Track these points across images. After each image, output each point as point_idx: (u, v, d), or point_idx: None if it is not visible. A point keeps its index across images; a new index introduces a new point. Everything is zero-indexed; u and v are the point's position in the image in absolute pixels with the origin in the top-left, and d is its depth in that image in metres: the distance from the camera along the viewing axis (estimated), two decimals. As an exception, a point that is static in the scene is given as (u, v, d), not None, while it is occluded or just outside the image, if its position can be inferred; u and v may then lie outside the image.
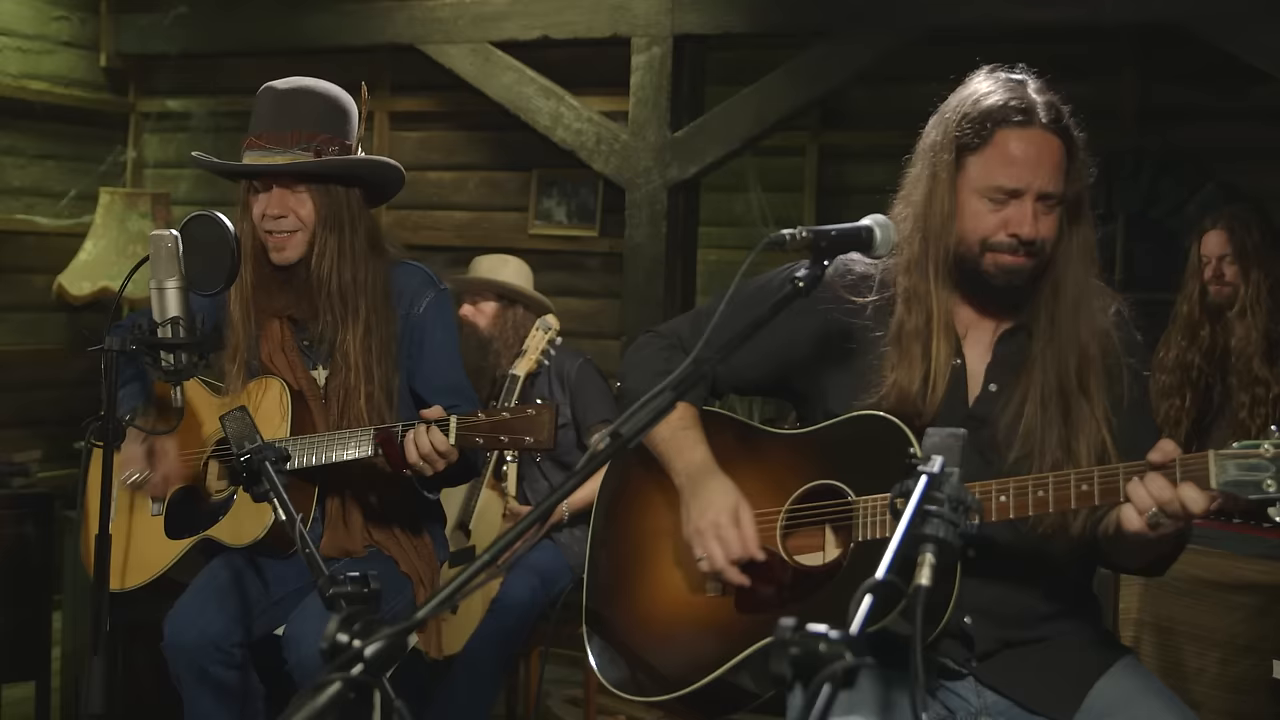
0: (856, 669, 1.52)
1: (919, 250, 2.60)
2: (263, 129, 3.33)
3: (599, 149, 5.64)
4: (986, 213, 2.54)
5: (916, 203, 2.62)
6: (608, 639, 2.82)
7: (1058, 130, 2.53)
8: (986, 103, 2.55)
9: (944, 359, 2.59)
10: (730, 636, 2.61)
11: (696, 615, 2.70)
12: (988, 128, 2.53)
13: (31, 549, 4.73)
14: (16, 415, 6.30)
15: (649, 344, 2.93)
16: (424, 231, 6.31)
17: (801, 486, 2.65)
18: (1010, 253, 2.53)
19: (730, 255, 6.39)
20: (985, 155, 2.53)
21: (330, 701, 1.59)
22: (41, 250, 6.51)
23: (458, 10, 5.85)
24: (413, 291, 3.46)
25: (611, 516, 2.91)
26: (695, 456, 2.71)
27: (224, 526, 3.36)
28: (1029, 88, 2.57)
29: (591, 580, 2.89)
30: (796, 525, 2.66)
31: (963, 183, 2.56)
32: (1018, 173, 2.51)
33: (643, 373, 2.84)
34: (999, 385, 2.61)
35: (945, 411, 2.54)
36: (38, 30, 6.50)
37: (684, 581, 2.74)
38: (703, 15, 5.43)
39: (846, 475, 2.59)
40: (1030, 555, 2.56)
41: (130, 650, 4.10)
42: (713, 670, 2.61)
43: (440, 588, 1.87)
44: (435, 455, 3.06)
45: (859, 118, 6.42)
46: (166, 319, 2.91)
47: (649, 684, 2.72)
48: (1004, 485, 2.40)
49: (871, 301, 2.67)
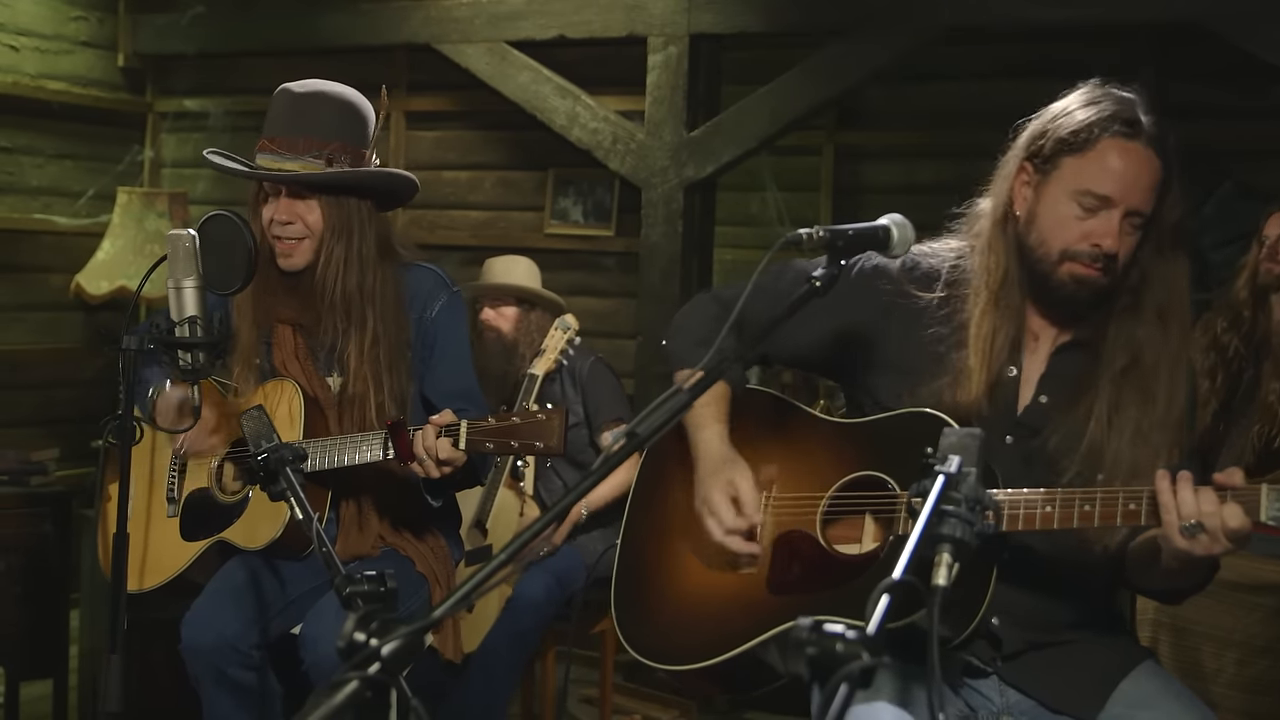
0: (873, 669, 1.51)
1: (996, 251, 2.60)
2: (275, 132, 3.31)
3: (615, 148, 5.64)
4: (1073, 219, 2.51)
5: (1000, 199, 2.61)
6: (636, 606, 2.83)
7: (1161, 151, 2.51)
8: (1096, 108, 2.52)
9: (1002, 366, 2.59)
10: (760, 614, 2.62)
11: (729, 590, 2.71)
12: (1094, 132, 2.50)
13: (49, 548, 4.75)
14: (34, 414, 6.32)
15: (702, 307, 2.94)
16: (440, 231, 6.31)
17: (846, 475, 2.65)
18: (1088, 263, 2.50)
19: (746, 255, 6.39)
20: (1085, 158, 2.51)
21: (347, 700, 1.59)
22: (59, 249, 6.53)
23: (474, 10, 5.85)
24: (425, 295, 3.44)
25: (650, 488, 2.92)
26: (706, 435, 2.74)
27: (238, 529, 3.37)
28: (1138, 106, 2.54)
29: (625, 548, 2.90)
30: (839, 513, 2.66)
31: (1055, 184, 2.54)
32: (1113, 182, 2.49)
33: (686, 340, 2.86)
34: (1050, 397, 2.60)
35: (992, 417, 2.52)
36: (56, 30, 6.52)
37: (718, 555, 2.74)
38: (719, 15, 5.43)
39: (893, 469, 2.58)
40: (1064, 562, 2.55)
41: (148, 649, 4.12)
42: (739, 645, 2.62)
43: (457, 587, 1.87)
44: (436, 453, 3.05)
45: (875, 117, 6.41)
46: (184, 318, 2.92)
47: (676, 653, 2.73)
48: (1051, 496, 2.39)
49: (937, 298, 2.66)
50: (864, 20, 5.20)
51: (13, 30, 6.31)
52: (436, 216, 6.35)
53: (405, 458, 3.11)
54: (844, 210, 6.30)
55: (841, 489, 2.65)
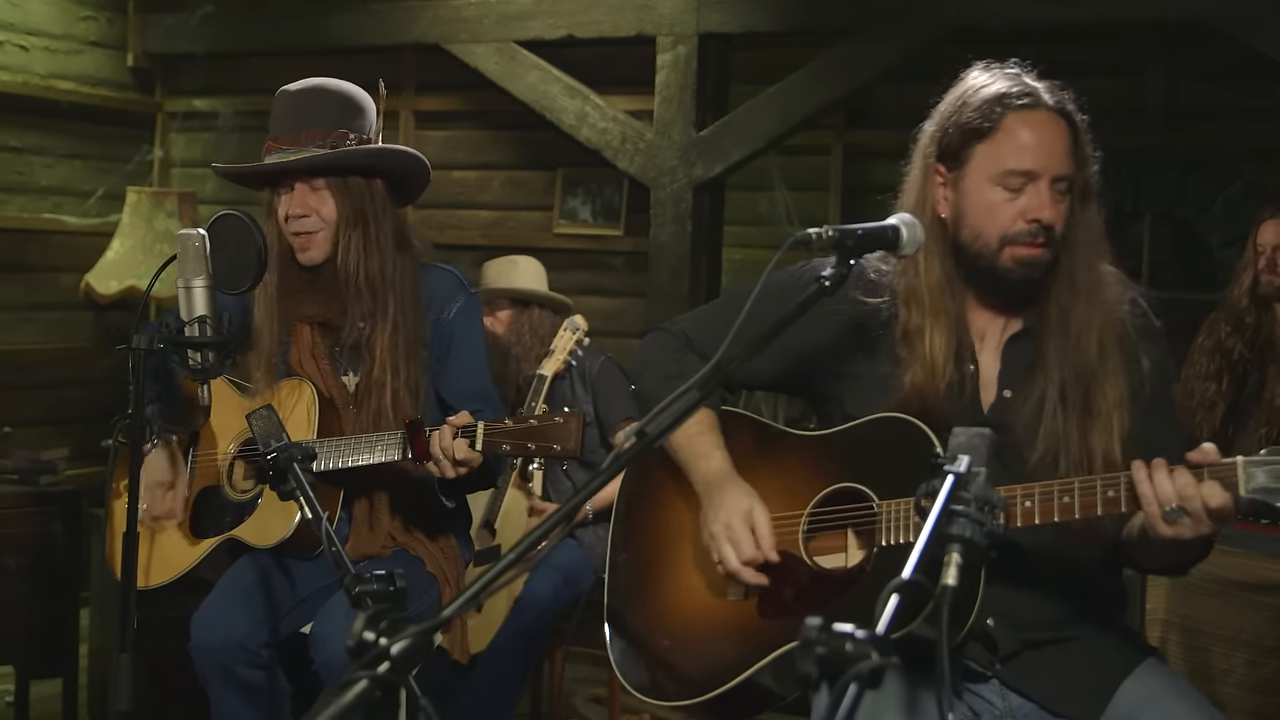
0: (883, 669, 1.51)
1: (923, 259, 2.56)
2: (279, 131, 3.34)
3: (624, 148, 5.64)
4: (1002, 203, 2.50)
5: (912, 204, 2.59)
6: (629, 642, 2.81)
7: (1062, 112, 2.51)
8: (989, 90, 2.52)
9: (954, 364, 2.57)
10: (753, 641, 2.60)
11: (719, 619, 2.69)
12: (996, 112, 2.50)
13: (59, 546, 4.76)
14: (44, 413, 6.33)
15: (659, 343, 2.92)
16: (449, 231, 6.32)
17: (823, 489, 2.63)
18: (1029, 242, 2.49)
19: (755, 254, 6.38)
20: (996, 140, 2.50)
21: (357, 699, 1.60)
22: (69, 249, 6.54)
23: (483, 9, 5.86)
24: (443, 296, 3.45)
25: (632, 519, 2.89)
26: (713, 463, 2.70)
27: (249, 527, 3.37)
28: (1025, 76, 2.55)
29: (613, 583, 2.88)
30: (818, 528, 2.64)
31: (973, 175, 2.53)
32: (1031, 155, 2.48)
33: (655, 376, 2.84)
34: (1013, 390, 2.58)
35: (958, 418, 2.48)
36: (65, 30, 6.53)
37: (706, 585, 2.73)
38: (727, 14, 5.43)
39: (869, 478, 2.57)
40: (1052, 557, 2.54)
41: (157, 648, 4.12)
42: (736, 675, 2.60)
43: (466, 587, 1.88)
44: (453, 453, 3.06)
45: (884, 117, 6.40)
46: (194, 317, 2.93)
47: (672, 688, 2.71)
48: (1029, 490, 2.38)
49: (884, 303, 2.64)
50: (872, 20, 5.20)
51: (22, 30, 6.32)
52: (445, 216, 6.36)
53: (421, 457, 3.12)
54: (853, 209, 6.29)
55: (819, 504, 2.63)
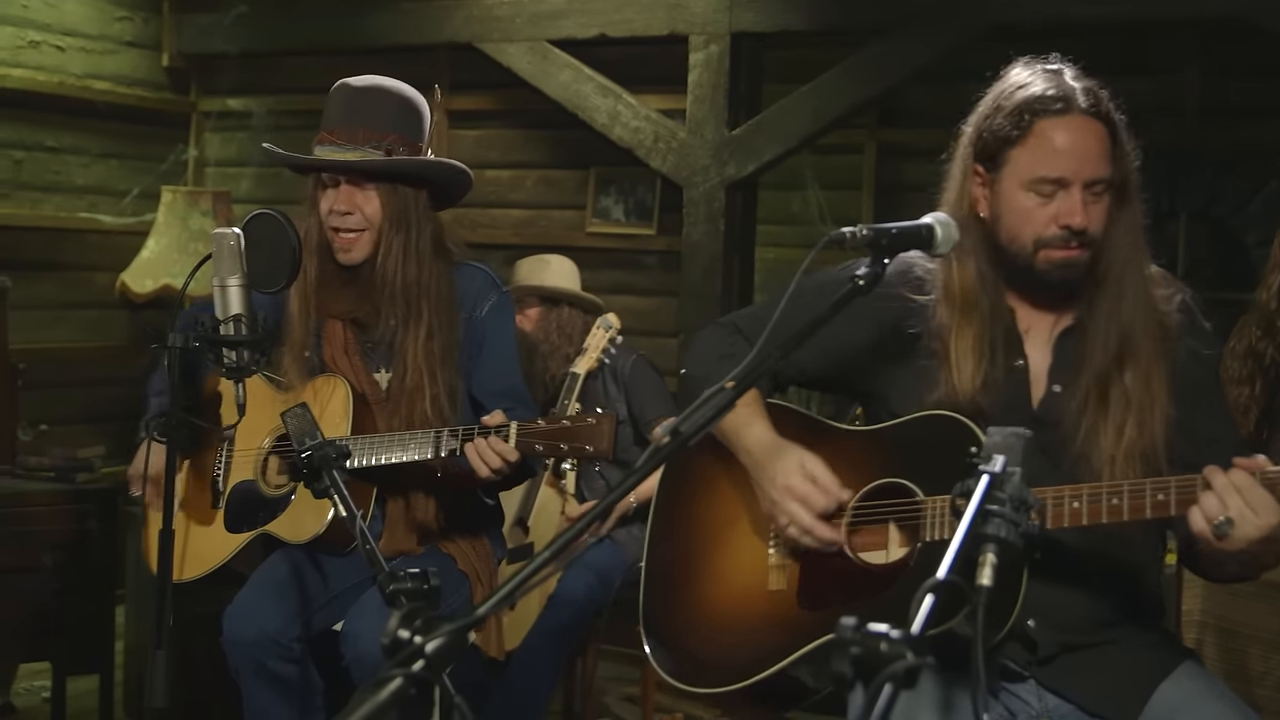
0: (918, 669, 1.51)
1: (962, 256, 2.57)
2: (334, 125, 3.35)
3: (656, 147, 5.63)
4: (1035, 208, 2.50)
5: (952, 202, 2.59)
6: (667, 630, 2.81)
7: (1097, 115, 2.50)
8: (1023, 94, 2.52)
9: (1003, 360, 2.57)
10: (791, 631, 2.60)
11: (758, 609, 2.69)
12: (1026, 119, 2.50)
13: (95, 543, 4.78)
14: (81, 411, 6.37)
15: (711, 333, 2.92)
16: (482, 229, 6.32)
17: (867, 484, 2.62)
18: (1063, 246, 2.49)
19: (788, 253, 6.37)
20: (1027, 147, 2.50)
21: (392, 697, 1.60)
22: (105, 248, 6.58)
23: (516, 9, 5.86)
24: (475, 294, 3.47)
25: (672, 509, 2.89)
26: (758, 433, 2.69)
27: (283, 522, 3.39)
28: (1065, 75, 2.53)
29: (650, 571, 2.87)
30: (862, 523, 2.64)
31: (1008, 179, 2.53)
32: (1062, 162, 2.48)
33: (706, 359, 2.82)
34: (1063, 386, 2.58)
35: (1006, 414, 2.49)
36: (101, 30, 6.57)
37: (746, 574, 2.73)
38: (760, 13, 5.42)
39: (914, 474, 2.56)
40: (1098, 559, 2.53)
41: (189, 643, 4.14)
42: (773, 664, 2.60)
43: (499, 585, 1.88)
44: (504, 466, 3.07)
45: (918, 115, 6.38)
46: (229, 316, 2.94)
47: (708, 675, 2.71)
48: (1077, 491, 2.37)
49: (931, 301, 2.64)
50: (906, 19, 5.18)
51: (59, 31, 6.36)
52: (478, 215, 6.36)
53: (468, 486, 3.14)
54: (886, 209, 6.27)
55: (864, 498, 2.63)
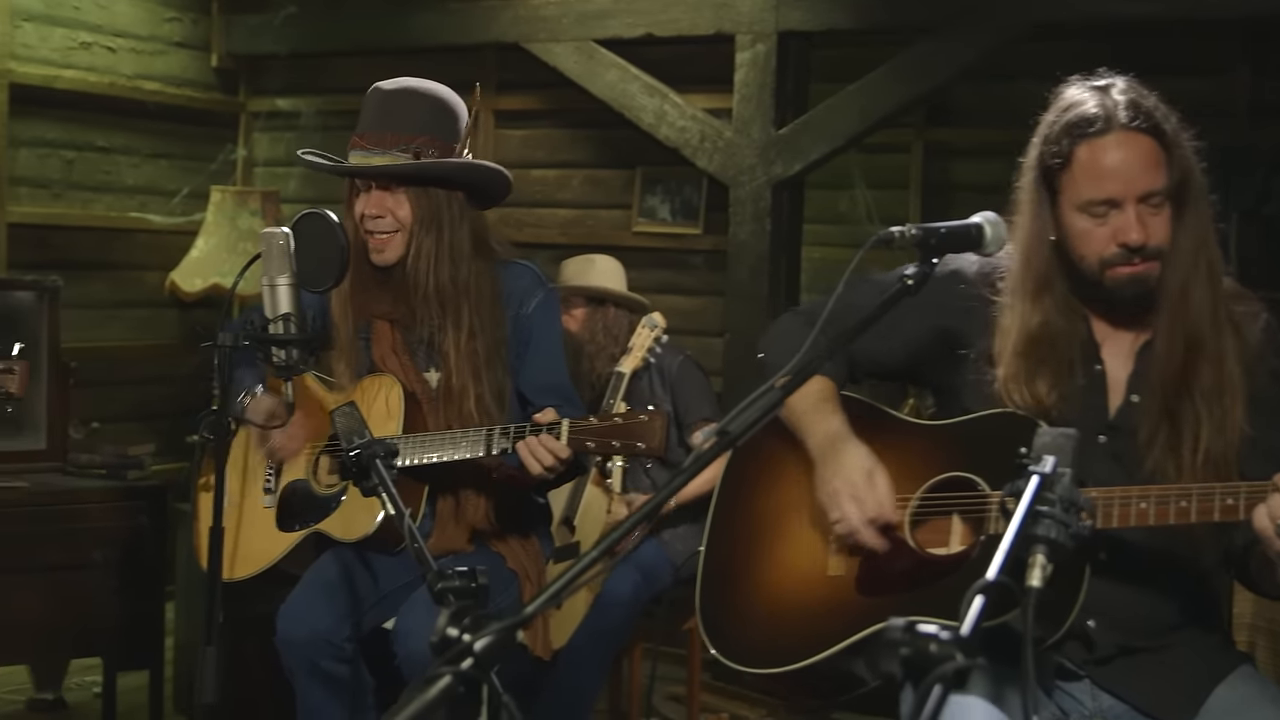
0: (968, 670, 1.50)
1: (1021, 275, 2.58)
2: (365, 129, 3.37)
3: (703, 146, 5.63)
4: (1093, 229, 2.49)
5: (1018, 225, 2.58)
6: (723, 608, 2.81)
7: (1142, 127, 2.47)
8: (1066, 118, 2.50)
9: (1080, 367, 2.56)
10: (849, 617, 2.60)
11: (817, 593, 2.69)
12: (1065, 145, 2.49)
13: (145, 541, 4.81)
14: (131, 410, 6.42)
15: (791, 320, 2.93)
16: (528, 229, 6.33)
17: (934, 477, 2.63)
18: (1126, 263, 2.48)
19: (835, 253, 6.35)
20: (1072, 173, 2.49)
21: (440, 695, 1.61)
22: (154, 247, 6.63)
23: (562, 8, 5.88)
24: (521, 292, 3.47)
25: (736, 492, 2.90)
26: (831, 425, 2.70)
27: (334, 521, 3.40)
28: (1112, 91, 2.50)
29: (711, 550, 2.88)
30: (926, 515, 2.64)
31: (1064, 204, 2.52)
32: (1108, 183, 2.46)
33: (782, 349, 2.80)
34: (1142, 397, 2.56)
35: (1083, 419, 2.48)
36: (151, 31, 6.62)
37: (807, 558, 2.73)
38: (807, 12, 5.41)
39: (981, 470, 2.56)
40: (1163, 562, 2.52)
41: (241, 642, 4.17)
42: (828, 648, 2.60)
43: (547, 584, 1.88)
44: (556, 463, 3.07)
45: (965, 114, 6.36)
46: (278, 315, 2.95)
47: (762, 656, 2.71)
48: (1145, 493, 2.36)
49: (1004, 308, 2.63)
50: (953, 18, 5.16)
51: (110, 32, 6.42)
52: (524, 215, 6.37)
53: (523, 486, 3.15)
54: (933, 208, 6.24)
55: (930, 490, 2.64)
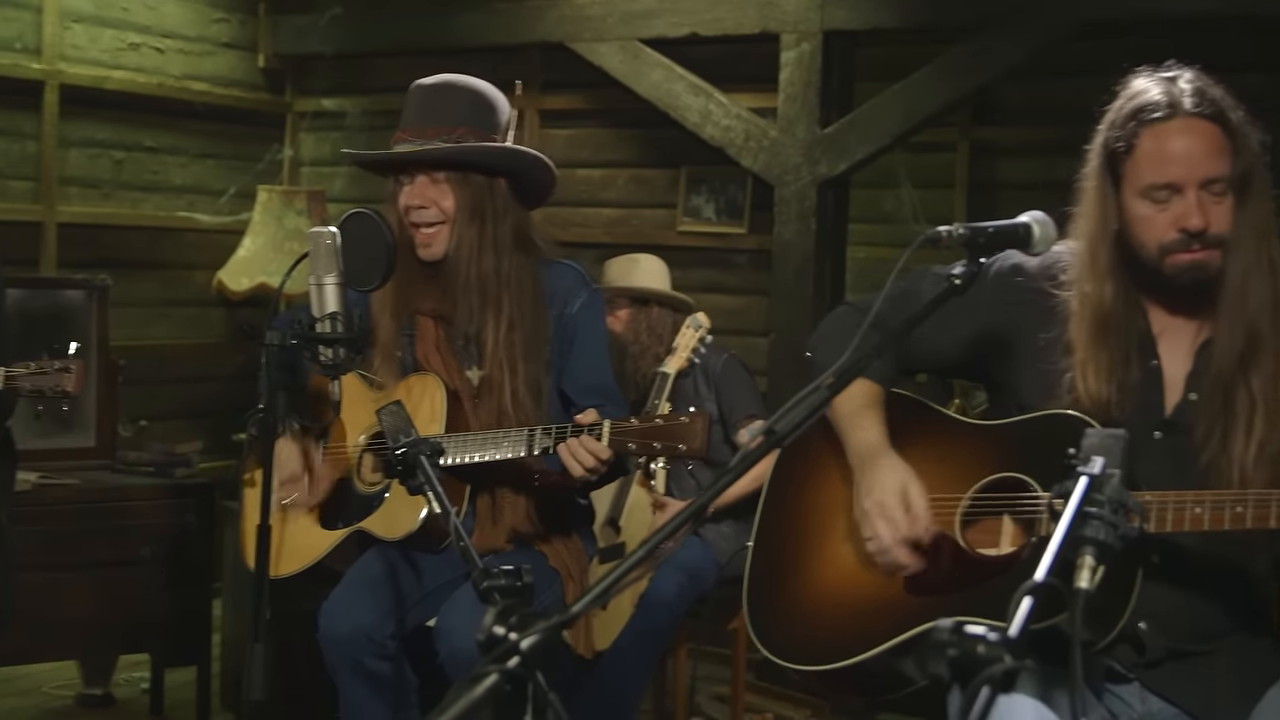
0: (1016, 672, 1.50)
1: (1083, 259, 2.57)
2: (407, 125, 3.40)
3: (748, 146, 5.63)
4: (1155, 215, 2.48)
5: (1082, 209, 2.59)
6: (772, 608, 2.81)
7: (1207, 114, 2.47)
8: (1132, 104, 2.51)
9: (1136, 362, 2.55)
10: (898, 616, 2.60)
11: (866, 591, 2.69)
12: (1131, 129, 2.49)
13: (193, 538, 4.85)
14: (179, 408, 6.47)
15: (843, 317, 2.92)
16: (573, 228, 6.34)
17: (986, 477, 2.62)
18: (1185, 249, 2.47)
19: (880, 252, 6.33)
20: (1135, 158, 2.49)
21: (487, 693, 1.61)
22: (202, 247, 6.68)
23: (607, 8, 5.88)
24: (566, 291, 3.48)
25: (786, 489, 2.90)
26: (869, 436, 2.70)
27: (377, 519, 3.41)
28: (1179, 81, 2.51)
29: (760, 548, 2.88)
30: (977, 515, 2.63)
31: (1126, 190, 2.52)
32: (1170, 167, 2.46)
33: (831, 346, 2.81)
34: (1199, 395, 2.55)
35: (1139, 416, 2.48)
36: (199, 32, 6.67)
37: (856, 556, 2.73)
38: (852, 11, 5.40)
39: (1034, 471, 2.55)
40: (1215, 567, 2.50)
41: (287, 639, 4.19)
42: (876, 646, 2.60)
43: (591, 584, 1.88)
44: (597, 464, 3.07)
45: (1011, 113, 6.33)
46: (325, 314, 2.97)
47: (811, 653, 2.71)
48: (1200, 497, 2.35)
49: (1071, 298, 2.62)
50: (999, 16, 5.13)
51: (158, 33, 6.47)
52: (570, 214, 6.38)
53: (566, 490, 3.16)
54: (979, 207, 6.22)
55: (981, 490, 2.62)
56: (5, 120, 5.95)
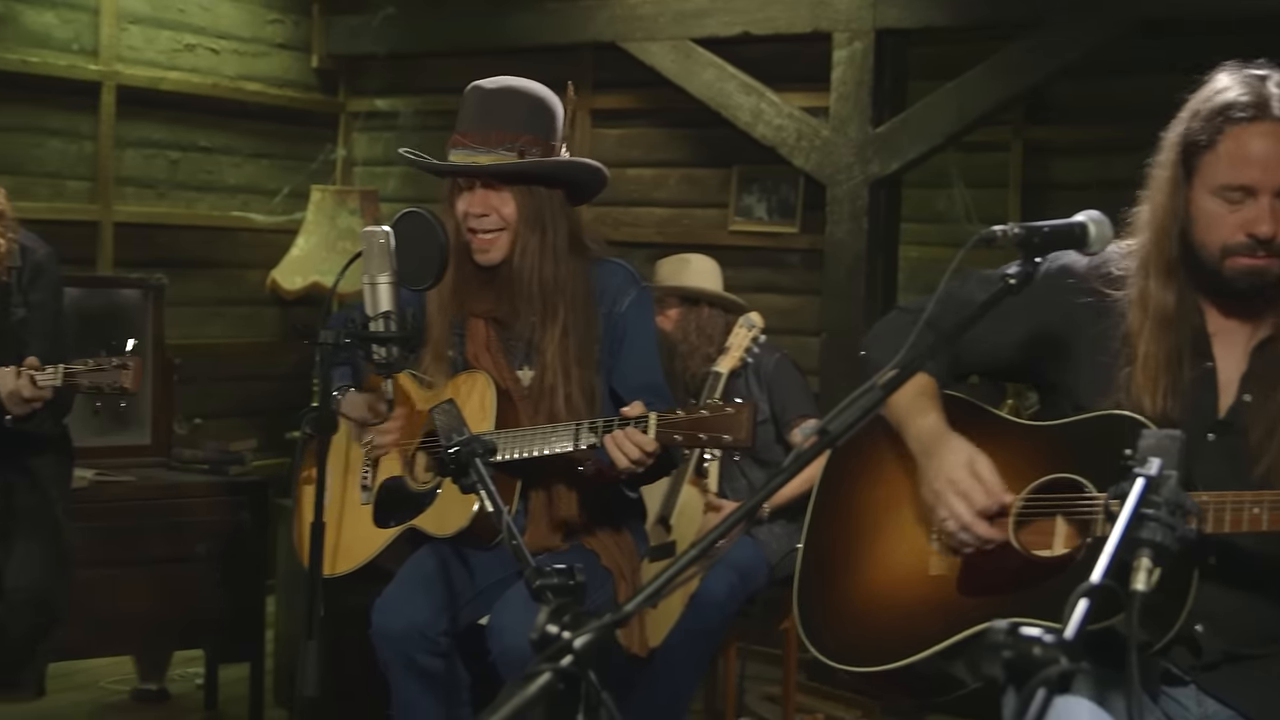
0: (1072, 674, 1.49)
1: (1148, 253, 2.54)
2: (467, 128, 3.38)
3: (800, 145, 5.61)
4: (1224, 215, 2.45)
5: (1150, 202, 2.56)
6: (823, 609, 2.80)
7: None
8: (1219, 100, 2.47)
9: (1189, 362, 2.53)
10: (950, 617, 2.58)
11: (917, 592, 2.68)
12: (1218, 124, 2.45)
13: (247, 535, 4.89)
14: (233, 405, 6.52)
15: (895, 320, 2.91)
16: (624, 228, 6.35)
17: (1038, 478, 2.60)
18: (1249, 254, 2.44)
19: (933, 252, 6.31)
20: (1216, 154, 2.45)
21: (540, 692, 1.62)
22: (256, 246, 6.73)
23: (659, 7, 5.88)
24: (615, 290, 3.48)
25: (837, 489, 2.88)
26: (928, 421, 2.68)
27: (429, 516, 3.43)
28: (1269, 82, 2.47)
29: (810, 548, 2.86)
30: (1031, 516, 2.61)
31: (1197, 185, 2.49)
32: (1249, 170, 2.42)
33: (886, 347, 2.77)
34: (1254, 396, 2.52)
35: (1192, 417, 2.45)
36: (254, 33, 6.72)
37: (908, 556, 2.71)
38: (905, 10, 5.37)
39: (1088, 472, 2.52)
40: (1274, 569, 2.47)
41: (339, 635, 4.22)
42: (928, 648, 2.58)
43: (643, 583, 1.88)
44: (644, 457, 3.07)
45: (1065, 112, 6.30)
46: (378, 313, 2.98)
47: (862, 655, 2.70)
48: (1259, 498, 2.33)
49: (1125, 298, 2.60)
50: (1053, 14, 5.09)
51: (214, 34, 6.52)
52: (621, 214, 6.39)
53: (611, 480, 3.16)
54: (1033, 207, 6.19)
55: (1034, 491, 2.61)
56: (63, 121, 6.02)
